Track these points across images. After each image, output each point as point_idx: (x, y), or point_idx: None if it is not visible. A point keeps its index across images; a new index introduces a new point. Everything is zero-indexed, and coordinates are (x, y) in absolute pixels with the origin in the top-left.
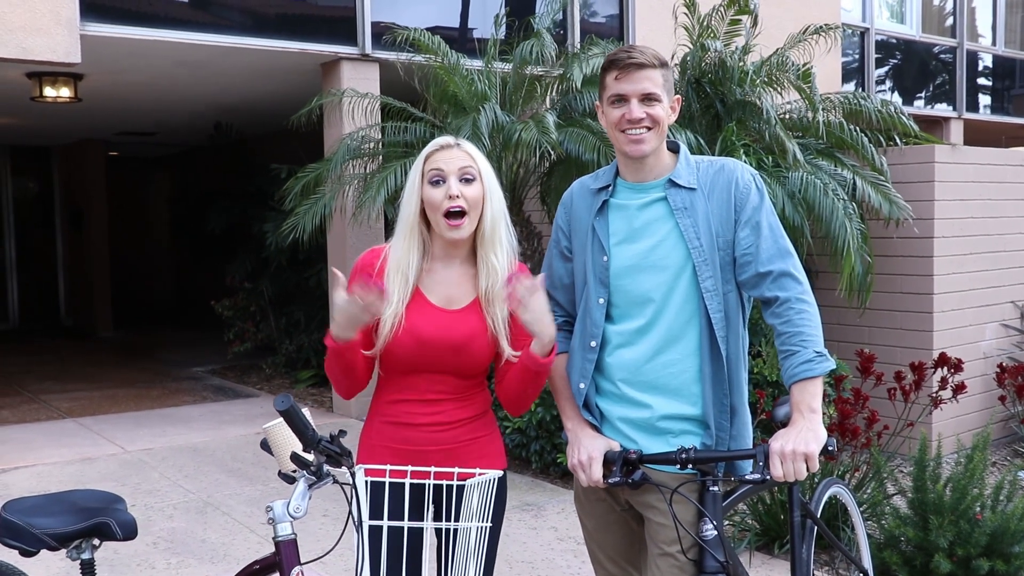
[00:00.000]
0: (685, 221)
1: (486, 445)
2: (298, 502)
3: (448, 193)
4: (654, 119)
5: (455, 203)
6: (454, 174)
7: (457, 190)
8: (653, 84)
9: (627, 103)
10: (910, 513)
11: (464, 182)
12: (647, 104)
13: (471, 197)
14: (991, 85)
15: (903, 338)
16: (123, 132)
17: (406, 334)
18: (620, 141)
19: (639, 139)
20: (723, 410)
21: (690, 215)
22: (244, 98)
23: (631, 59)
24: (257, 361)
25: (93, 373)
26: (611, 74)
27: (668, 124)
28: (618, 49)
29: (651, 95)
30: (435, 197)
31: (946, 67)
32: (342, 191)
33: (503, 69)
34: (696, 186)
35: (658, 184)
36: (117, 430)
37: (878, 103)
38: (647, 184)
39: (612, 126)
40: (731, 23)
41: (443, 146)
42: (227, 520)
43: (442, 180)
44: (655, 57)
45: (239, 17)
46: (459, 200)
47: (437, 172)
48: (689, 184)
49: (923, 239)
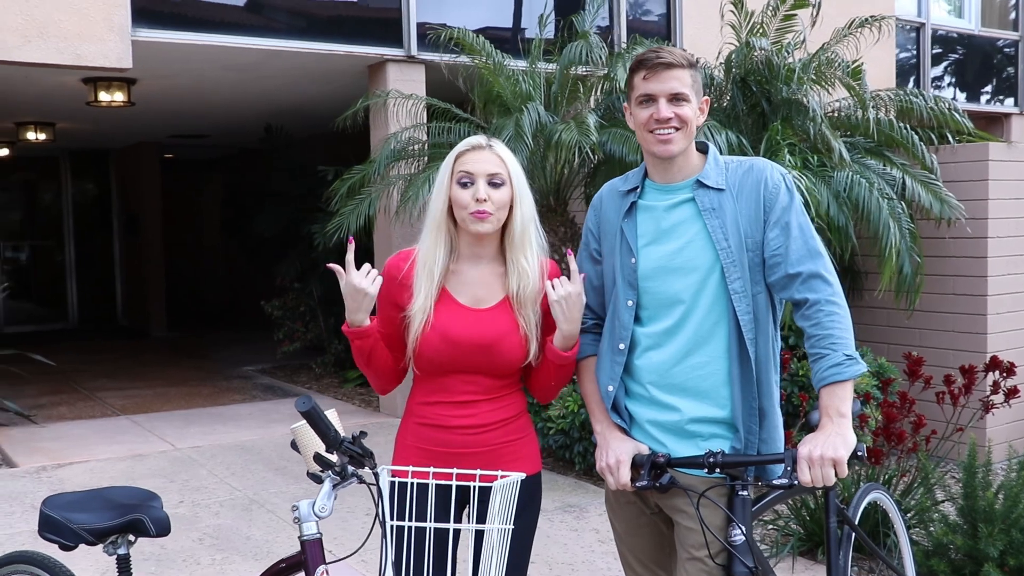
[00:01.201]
0: (713, 222)
1: (521, 448)
2: (323, 502)
3: (476, 196)
4: (682, 119)
5: (481, 207)
6: (483, 178)
7: (485, 194)
8: (681, 84)
9: (655, 103)
10: (959, 521)
11: (492, 186)
12: (675, 104)
13: (499, 200)
14: None
15: (955, 341)
16: (176, 135)
17: (435, 333)
18: (648, 141)
19: (667, 139)
20: (752, 413)
21: (718, 216)
22: (292, 100)
23: (659, 59)
24: (306, 361)
25: (146, 372)
26: (639, 74)
27: (697, 125)
28: (647, 49)
29: (679, 95)
30: (463, 197)
31: (1008, 61)
32: (386, 191)
33: (547, 69)
34: (724, 186)
35: (686, 185)
36: (168, 427)
37: (930, 100)
38: (675, 185)
39: (640, 127)
40: (784, 19)
41: (474, 147)
42: (272, 518)
43: (471, 182)
44: (683, 57)
45: (286, 20)
46: (486, 204)
47: (466, 174)
48: (717, 185)
49: (976, 239)
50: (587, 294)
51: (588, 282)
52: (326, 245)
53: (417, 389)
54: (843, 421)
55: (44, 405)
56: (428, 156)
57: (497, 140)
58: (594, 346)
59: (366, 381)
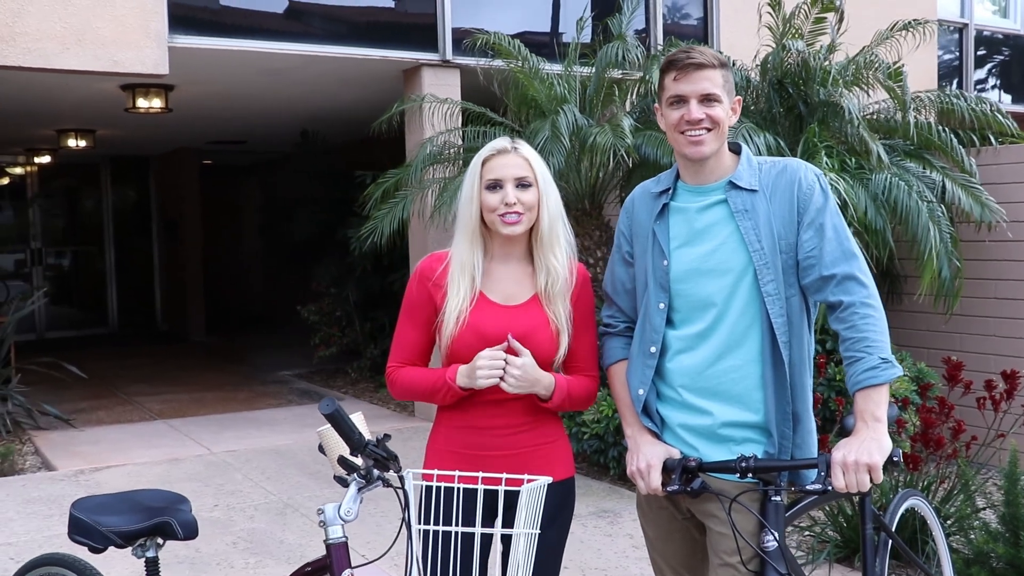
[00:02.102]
0: (746, 224)
1: (552, 451)
2: (349, 505)
3: (505, 200)
4: (714, 120)
5: (512, 209)
6: (511, 182)
7: (514, 197)
8: (713, 84)
9: (686, 104)
10: (1000, 528)
11: (521, 188)
12: (707, 105)
13: (527, 202)
14: None
15: (997, 345)
16: (214, 141)
17: (469, 331)
18: (679, 143)
19: (699, 140)
20: (785, 417)
21: (751, 217)
22: (328, 106)
23: (690, 59)
24: (342, 365)
25: (184, 376)
26: (670, 75)
27: (729, 125)
28: (677, 50)
29: (711, 96)
30: (492, 202)
31: None
32: (421, 195)
33: (583, 73)
34: (758, 187)
35: (719, 186)
36: (204, 432)
37: (972, 101)
38: (707, 187)
39: (671, 128)
40: (816, 21)
41: (500, 151)
42: (305, 522)
43: (499, 187)
44: (715, 57)
45: (322, 25)
46: (516, 207)
47: (494, 180)
48: (750, 186)
49: (1018, 243)
50: (619, 296)
51: (620, 285)
52: (362, 250)
53: None
54: (878, 426)
55: (84, 409)
56: (463, 160)
57: (522, 141)
58: (625, 350)
59: None
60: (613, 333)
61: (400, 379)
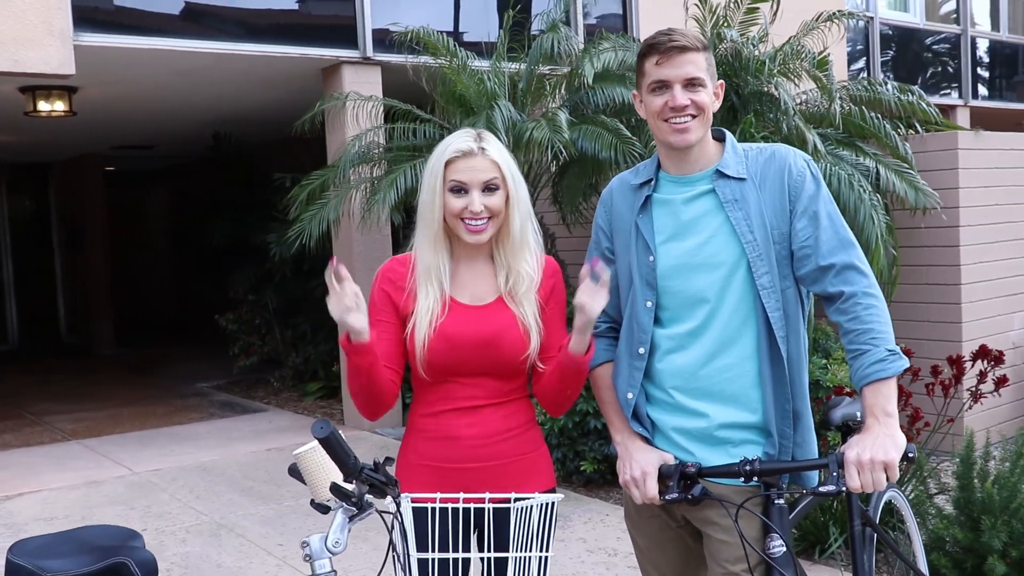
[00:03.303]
0: (736, 214)
1: (533, 463)
2: (337, 536)
3: (470, 208)
4: (699, 106)
5: (477, 217)
6: (477, 187)
7: (480, 205)
8: (697, 68)
9: (669, 90)
10: (955, 513)
11: (487, 191)
12: (691, 90)
13: (494, 207)
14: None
15: (932, 331)
16: (120, 146)
17: (438, 336)
18: (663, 131)
19: (684, 128)
20: (786, 416)
21: (741, 207)
22: (243, 107)
23: (672, 42)
24: (264, 375)
25: (96, 392)
26: (651, 59)
27: (713, 111)
28: (656, 32)
29: (695, 80)
30: (456, 206)
31: (951, 55)
32: (349, 196)
33: (511, 68)
34: (746, 176)
35: (705, 176)
36: (123, 451)
37: (896, 90)
38: (693, 176)
39: (654, 115)
40: (747, 12)
41: (466, 152)
42: (242, 542)
43: (464, 191)
44: (697, 39)
45: (236, 23)
46: (482, 214)
47: (459, 183)
48: (738, 174)
49: (949, 228)
50: None
51: None
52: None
53: (419, 401)
54: (890, 421)
55: None
56: (391, 159)
57: (489, 137)
58: (609, 352)
59: (327, 393)
60: (595, 335)
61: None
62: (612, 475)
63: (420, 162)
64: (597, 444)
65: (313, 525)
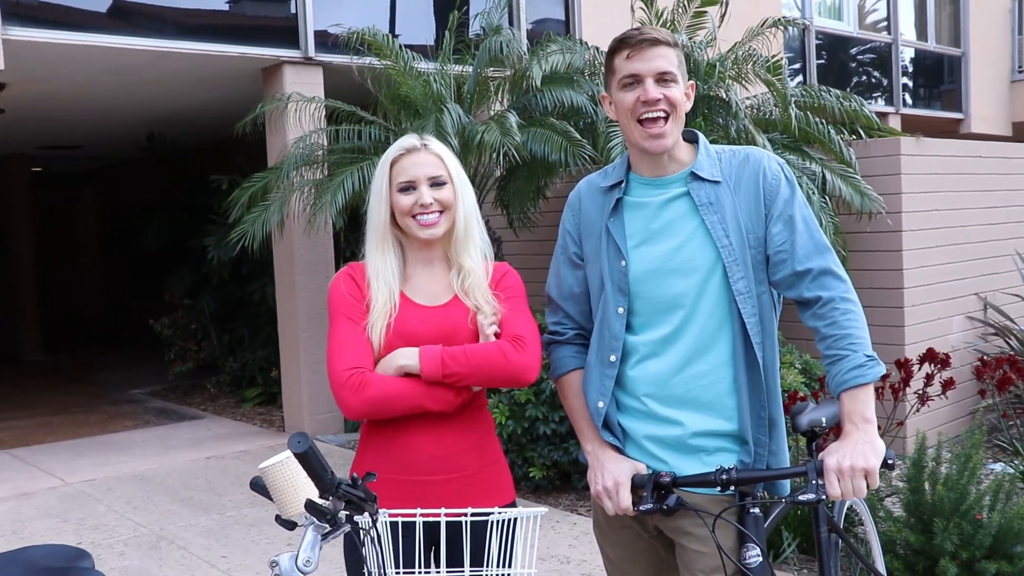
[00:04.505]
0: (712, 218)
1: (495, 475)
2: (308, 554)
3: (420, 201)
4: (671, 102)
5: (429, 209)
6: (424, 183)
7: (429, 198)
8: (668, 63)
9: (641, 84)
10: (905, 515)
11: (435, 187)
12: (663, 85)
13: (444, 199)
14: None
15: (875, 334)
16: (48, 146)
17: (394, 335)
18: (636, 135)
19: (659, 134)
20: (761, 423)
21: (716, 211)
22: (179, 107)
23: (643, 35)
24: (200, 381)
25: (23, 399)
26: (621, 54)
27: (685, 111)
28: (627, 29)
29: (667, 74)
30: (405, 204)
31: (882, 63)
32: (291, 199)
33: (457, 71)
34: (720, 179)
35: (679, 178)
36: (54, 461)
37: (840, 97)
38: (666, 179)
39: (626, 114)
40: (695, 15)
41: (409, 149)
42: (184, 555)
43: (412, 188)
44: (668, 35)
45: (175, 20)
46: (433, 205)
47: (406, 181)
48: (713, 177)
49: (892, 232)
50: (567, 302)
51: (568, 289)
52: (220, 259)
53: None
54: (869, 427)
55: None
56: (336, 161)
57: (431, 137)
58: (577, 359)
59: (266, 400)
60: (562, 341)
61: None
62: (561, 481)
63: (366, 165)
64: (547, 450)
65: (258, 535)
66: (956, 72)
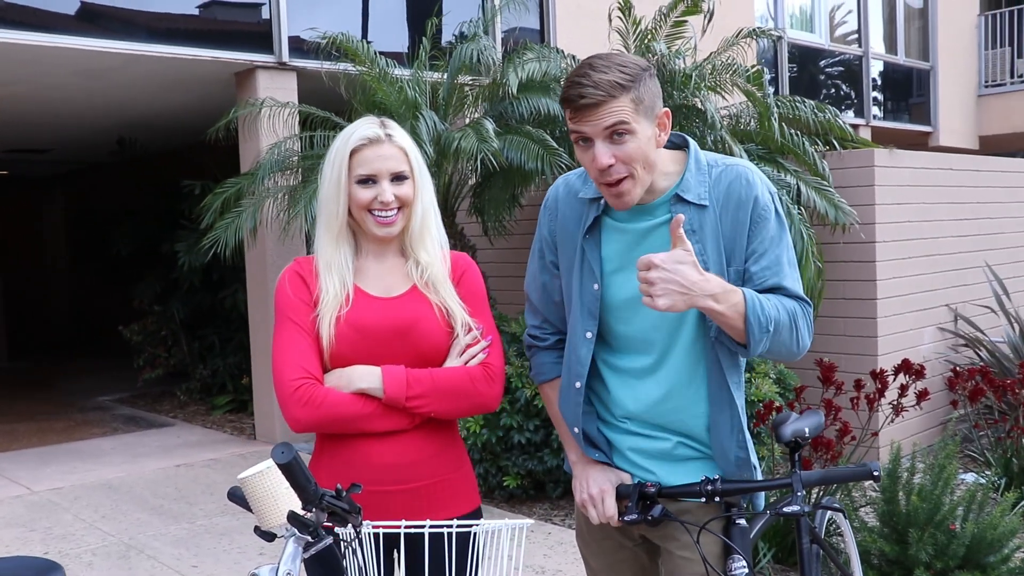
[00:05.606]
0: (695, 248)
1: (458, 481)
2: (288, 566)
3: (381, 199)
4: (628, 159)
5: (388, 208)
6: (386, 178)
7: (390, 195)
8: (620, 114)
9: (592, 145)
10: (879, 526)
11: (396, 182)
12: (617, 140)
13: (404, 196)
14: (894, 93)
15: (849, 344)
16: (13, 149)
17: (347, 327)
18: (603, 192)
19: (620, 192)
20: (731, 462)
21: (698, 240)
22: (150, 112)
23: (583, 98)
24: (170, 388)
25: None
26: (567, 111)
27: (658, 147)
28: (569, 79)
29: (620, 125)
30: (364, 197)
31: (852, 76)
32: (265, 205)
33: (432, 77)
34: (707, 201)
35: (662, 202)
36: (20, 468)
37: (815, 108)
38: (650, 205)
39: (588, 168)
40: (675, 25)
41: (372, 140)
42: (154, 564)
43: (372, 182)
44: (617, 82)
45: (147, 23)
46: (392, 204)
47: (367, 175)
48: (699, 200)
49: (865, 244)
50: (548, 308)
51: (548, 296)
52: (190, 265)
53: None
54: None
55: None
56: (311, 167)
57: (393, 124)
58: (559, 365)
59: (236, 407)
60: (542, 347)
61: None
62: (536, 491)
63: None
64: (521, 459)
65: (229, 545)
66: (925, 86)
